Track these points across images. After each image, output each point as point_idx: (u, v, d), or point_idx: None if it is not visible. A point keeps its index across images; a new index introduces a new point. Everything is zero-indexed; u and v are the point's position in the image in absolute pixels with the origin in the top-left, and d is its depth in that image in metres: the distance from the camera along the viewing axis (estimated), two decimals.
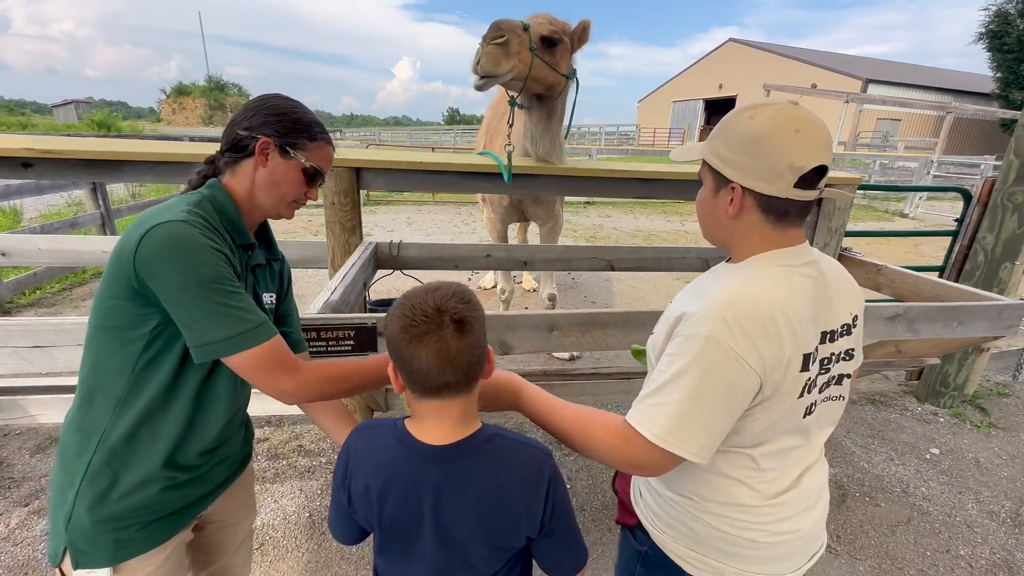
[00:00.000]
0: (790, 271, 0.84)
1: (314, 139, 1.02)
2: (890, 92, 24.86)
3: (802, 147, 0.79)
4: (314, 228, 7.74)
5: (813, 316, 0.83)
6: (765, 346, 0.78)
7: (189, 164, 2.09)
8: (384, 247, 2.40)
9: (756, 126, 0.81)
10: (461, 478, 0.83)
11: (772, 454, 0.88)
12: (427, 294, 0.81)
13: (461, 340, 0.78)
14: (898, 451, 2.75)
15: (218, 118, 46.40)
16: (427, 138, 33.71)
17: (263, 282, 1.09)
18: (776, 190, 0.81)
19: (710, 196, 0.90)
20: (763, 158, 0.80)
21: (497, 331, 1.53)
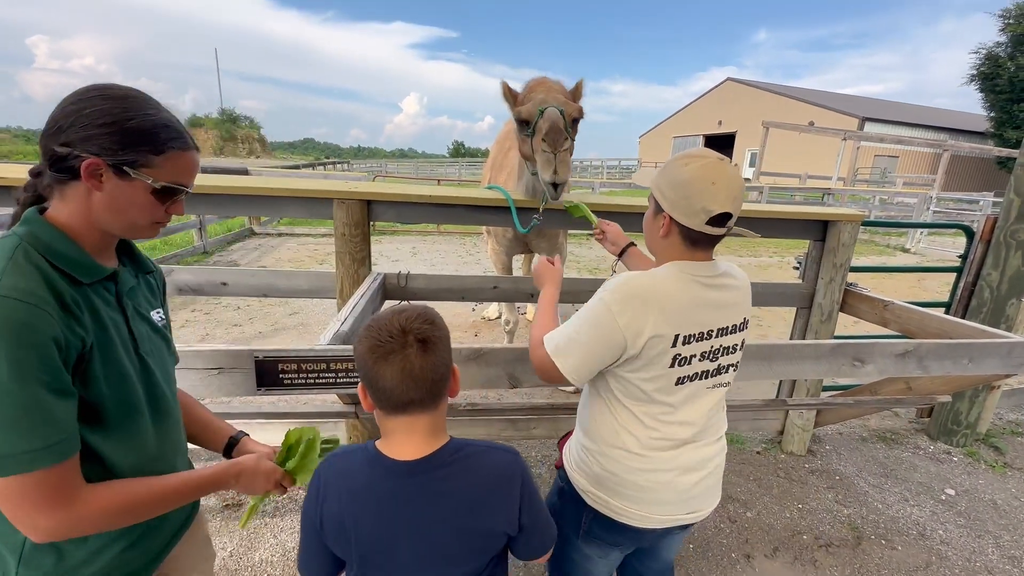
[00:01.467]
0: (684, 275, 1.08)
1: (161, 151, 0.80)
2: (886, 130, 25.37)
3: (715, 196, 1.02)
4: (319, 257, 7.82)
5: (695, 311, 1.07)
6: (635, 315, 1.04)
7: (202, 195, 2.14)
8: (392, 278, 2.42)
9: (686, 173, 1.05)
10: (436, 490, 0.86)
11: (655, 415, 1.12)
12: (393, 316, 0.85)
13: (424, 359, 0.83)
14: (912, 491, 2.68)
15: (229, 149, 47.51)
16: (433, 170, 34.35)
17: (144, 303, 0.95)
18: (693, 224, 1.05)
19: (651, 217, 1.16)
20: (686, 199, 1.04)
21: (506, 364, 1.52)
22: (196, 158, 0.89)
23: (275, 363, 1.36)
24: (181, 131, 0.85)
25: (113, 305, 0.85)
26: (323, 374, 1.39)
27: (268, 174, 11.61)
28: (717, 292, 1.10)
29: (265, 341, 4.39)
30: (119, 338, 0.84)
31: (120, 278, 0.88)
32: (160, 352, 0.96)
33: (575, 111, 2.10)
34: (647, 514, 1.16)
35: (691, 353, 1.08)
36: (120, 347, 0.83)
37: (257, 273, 2.42)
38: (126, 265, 0.93)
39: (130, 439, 0.85)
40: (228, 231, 9.05)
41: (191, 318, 4.84)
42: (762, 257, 9.52)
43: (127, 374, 0.84)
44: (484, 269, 7.52)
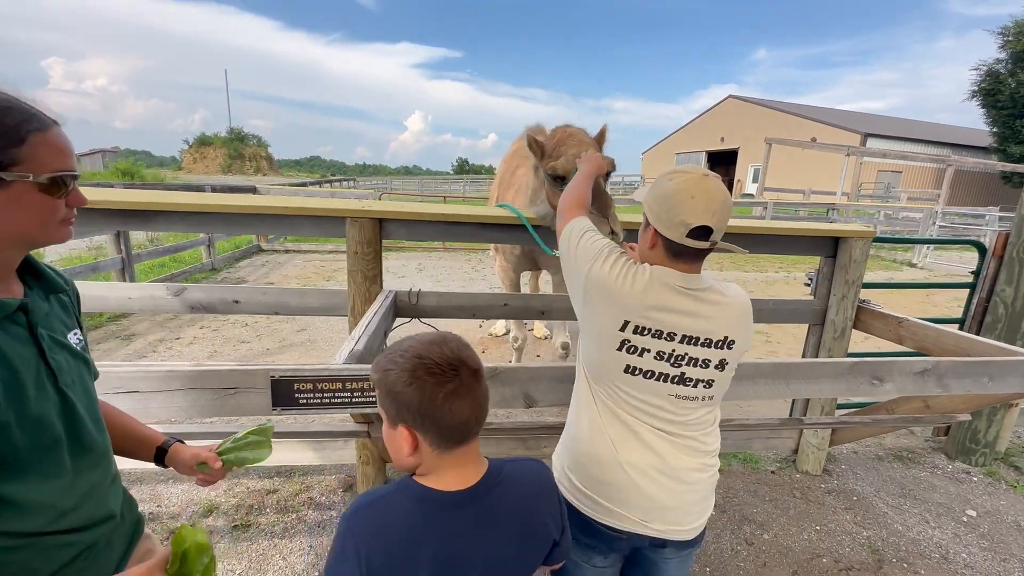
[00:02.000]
0: (659, 280, 1.11)
1: (20, 139, 0.70)
2: (889, 145, 25.47)
3: (693, 210, 1.06)
4: (326, 273, 7.85)
5: (664, 310, 1.10)
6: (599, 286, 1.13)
7: (217, 215, 2.16)
8: (403, 296, 2.42)
9: (670, 187, 1.09)
10: (496, 511, 0.86)
11: (608, 397, 1.17)
12: (441, 348, 0.82)
13: (482, 385, 0.85)
14: (932, 512, 2.62)
15: (236, 167, 48.13)
16: (437, 187, 34.65)
17: (59, 326, 0.85)
18: (673, 237, 1.09)
19: (642, 230, 1.21)
20: (667, 212, 1.09)
21: (521, 383, 1.51)
22: (63, 135, 0.76)
23: (291, 382, 1.35)
24: (28, 109, 0.72)
25: (24, 339, 0.76)
26: (339, 393, 1.38)
27: (276, 191, 11.75)
28: (689, 300, 1.12)
29: (273, 358, 4.39)
30: (31, 377, 0.75)
31: (31, 307, 0.79)
32: (82, 380, 0.87)
33: (609, 165, 2.08)
34: (609, 511, 1.18)
35: (643, 346, 1.11)
36: (32, 387, 0.75)
37: (268, 291, 2.43)
38: (33, 288, 0.83)
39: (45, 482, 0.77)
40: (236, 247, 9.12)
41: (199, 335, 4.85)
42: (768, 272, 9.49)
43: (42, 415, 0.76)
44: (490, 285, 7.52)
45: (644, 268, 1.14)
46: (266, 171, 49.44)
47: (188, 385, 1.33)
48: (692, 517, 1.20)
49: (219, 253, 8.18)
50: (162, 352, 4.38)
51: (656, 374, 1.12)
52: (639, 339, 1.11)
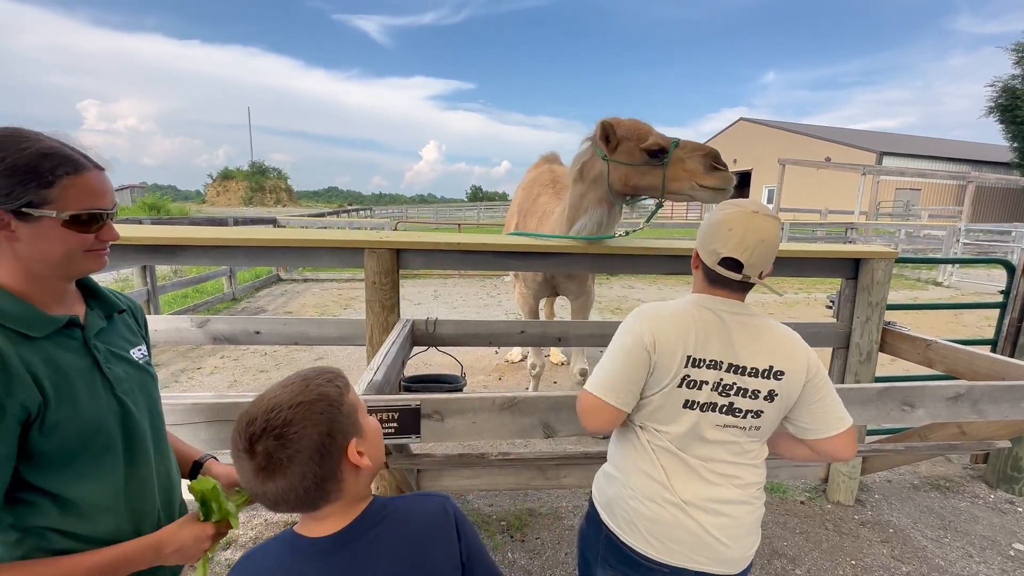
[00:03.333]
0: (703, 306, 1.15)
1: (53, 182, 0.78)
2: (905, 163, 25.19)
3: (726, 241, 1.10)
4: (344, 301, 7.95)
5: (713, 338, 1.12)
6: (652, 327, 1.12)
7: (240, 248, 2.22)
8: (421, 324, 2.44)
9: (719, 215, 1.14)
10: (368, 554, 0.79)
11: (661, 438, 1.16)
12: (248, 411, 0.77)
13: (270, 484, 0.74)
14: (976, 546, 2.48)
15: (257, 199, 49.63)
16: (452, 214, 35.17)
17: (120, 342, 0.95)
18: (708, 263, 1.15)
19: (696, 267, 1.24)
20: (707, 238, 1.15)
21: (540, 413, 1.50)
22: (97, 177, 0.84)
23: None
24: (68, 155, 0.80)
25: (78, 350, 0.85)
26: None
27: (295, 222, 12.04)
28: (735, 327, 1.13)
29: None
30: (85, 384, 0.83)
31: (87, 322, 0.89)
32: (145, 390, 0.96)
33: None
34: (653, 544, 1.15)
35: (702, 379, 1.11)
36: (85, 392, 0.83)
37: (288, 322, 2.47)
38: (93, 308, 0.93)
39: (99, 481, 0.85)
40: (256, 277, 9.32)
41: (220, 364, 4.92)
42: (787, 294, 9.34)
43: (96, 419, 0.83)
44: (506, 311, 7.53)
45: (687, 299, 1.20)
46: (286, 202, 50.85)
47: (211, 417, 1.35)
48: (738, 551, 1.17)
49: (240, 283, 8.36)
50: (184, 382, 4.45)
51: (709, 405, 1.12)
52: (698, 372, 1.11)
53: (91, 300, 0.95)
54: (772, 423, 1.16)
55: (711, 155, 2.21)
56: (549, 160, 3.89)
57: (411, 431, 1.42)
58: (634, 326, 1.14)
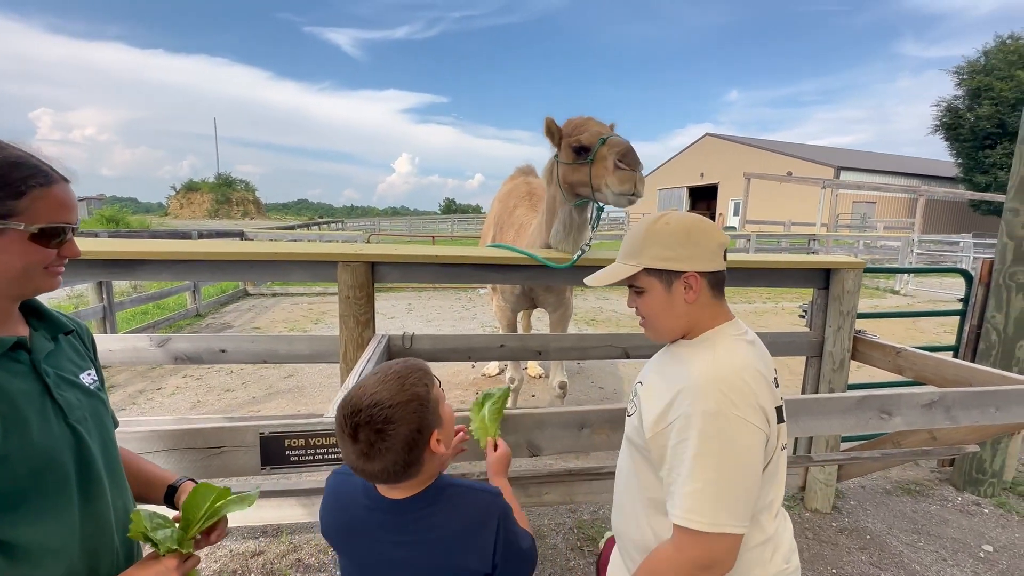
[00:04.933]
0: (738, 340, 0.99)
1: (20, 192, 0.75)
2: (861, 178, 26.47)
3: (716, 230, 1.02)
4: (314, 316, 7.73)
5: (767, 373, 0.97)
6: (760, 404, 0.90)
7: (204, 262, 2.11)
8: (397, 340, 2.36)
9: (679, 224, 1.00)
10: (418, 527, 0.94)
11: (774, 514, 0.99)
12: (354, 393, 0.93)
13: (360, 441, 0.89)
14: (948, 549, 2.53)
15: (224, 211, 48.24)
16: (425, 226, 34.97)
17: (69, 366, 0.88)
18: (717, 265, 1.00)
19: (663, 296, 1.02)
20: (699, 245, 0.99)
21: (525, 431, 1.45)
22: (67, 191, 0.81)
23: (281, 439, 1.28)
24: (37, 165, 0.77)
25: (26, 375, 0.78)
26: (332, 448, 1.31)
27: (264, 235, 11.71)
28: (758, 346, 1.03)
29: (260, 407, 4.23)
30: (35, 411, 0.76)
31: (33, 344, 0.82)
32: (97, 417, 0.88)
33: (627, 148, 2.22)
34: None
35: (779, 436, 0.99)
36: (36, 421, 0.76)
37: (257, 339, 2.35)
38: (38, 329, 0.86)
39: (52, 522, 0.76)
40: (222, 292, 8.98)
41: (182, 384, 4.68)
42: (756, 303, 9.58)
43: (48, 449, 0.76)
44: (481, 324, 7.46)
45: (730, 346, 0.97)
46: (254, 215, 49.60)
47: (171, 445, 1.24)
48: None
49: (204, 298, 8.03)
50: (143, 404, 4.20)
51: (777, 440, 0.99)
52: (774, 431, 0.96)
53: (34, 321, 0.88)
54: None
55: (618, 152, 2.03)
56: (525, 172, 3.89)
57: None
58: (738, 415, 0.86)
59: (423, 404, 0.92)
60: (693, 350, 0.99)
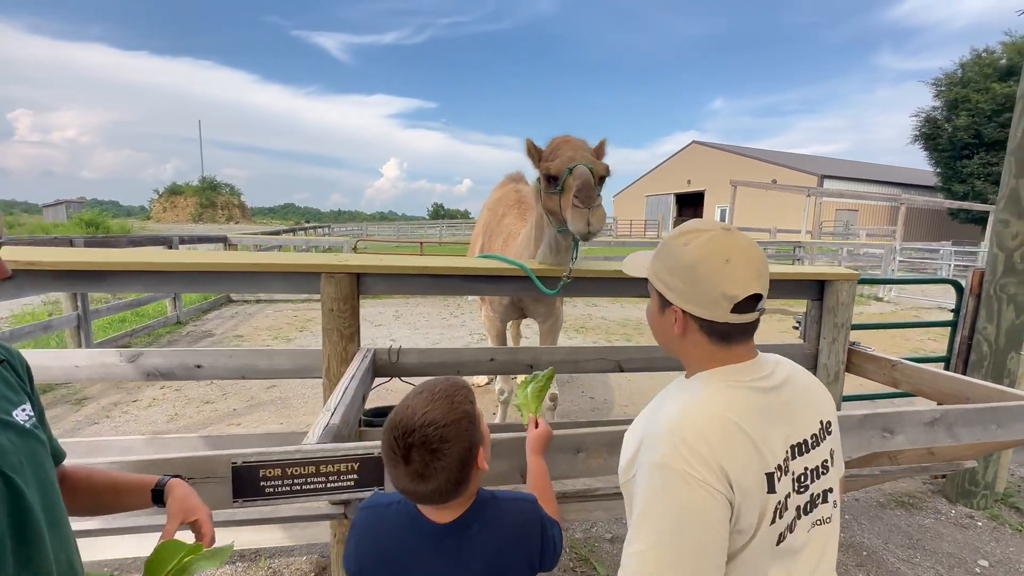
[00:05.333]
0: (736, 387, 0.84)
1: None
2: (844, 186, 26.93)
3: (733, 277, 0.82)
4: (299, 324, 7.56)
5: (770, 430, 0.82)
6: (720, 464, 0.75)
7: (178, 273, 2.00)
8: (383, 354, 2.27)
9: (690, 253, 0.84)
10: (466, 548, 0.95)
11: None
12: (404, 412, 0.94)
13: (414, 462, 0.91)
14: (944, 564, 2.50)
15: (208, 215, 47.52)
16: (413, 231, 34.76)
17: (1, 402, 0.78)
18: (714, 316, 0.83)
19: (657, 312, 0.94)
20: (697, 285, 0.83)
21: (516, 456, 1.37)
22: None
23: (255, 469, 1.18)
24: None
25: None
26: (312, 479, 1.21)
27: (248, 240, 11.49)
28: (778, 396, 0.85)
29: (240, 419, 4.08)
30: None
31: None
32: (34, 462, 0.78)
33: (602, 169, 2.14)
34: None
35: (785, 492, 0.80)
36: None
37: (235, 353, 2.24)
38: None
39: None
40: (204, 299, 8.76)
41: (159, 396, 4.51)
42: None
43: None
44: (470, 331, 7.36)
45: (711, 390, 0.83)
46: (239, 219, 48.92)
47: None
48: None
49: (186, 305, 7.82)
50: (117, 418, 4.03)
51: (794, 518, 0.83)
52: (781, 487, 0.80)
53: None
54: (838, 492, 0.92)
55: (577, 184, 1.90)
56: (514, 179, 3.82)
57: (373, 482, 1.26)
58: (686, 471, 0.74)
59: (472, 422, 0.93)
60: (678, 391, 0.88)
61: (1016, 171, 2.80)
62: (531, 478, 1.27)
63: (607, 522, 2.70)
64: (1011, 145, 2.85)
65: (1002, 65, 23.85)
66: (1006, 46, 24.20)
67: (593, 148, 2.25)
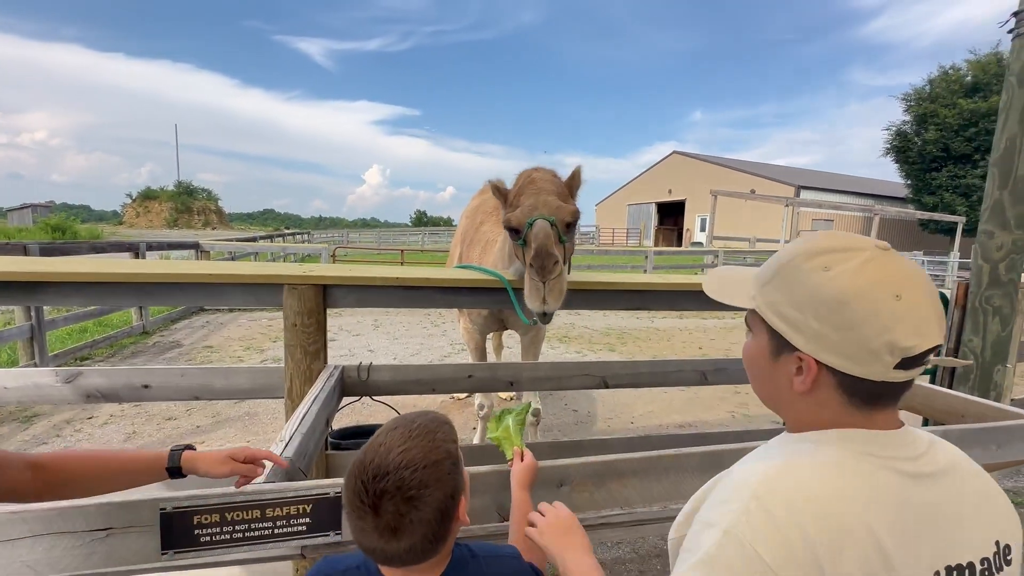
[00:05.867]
0: (871, 460, 0.59)
1: None
2: (820, 197, 27.59)
3: (908, 319, 0.57)
4: (274, 334, 7.29)
5: (914, 538, 0.56)
6: (823, 564, 0.52)
7: (126, 284, 1.82)
8: (352, 371, 2.10)
9: (838, 285, 0.60)
10: None
11: None
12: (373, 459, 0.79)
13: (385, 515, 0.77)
14: None
15: (183, 221, 46.44)
16: (395, 239, 34.43)
17: None
18: (869, 373, 0.59)
19: (765, 355, 0.69)
20: (850, 331, 0.58)
21: (493, 491, 1.23)
22: None
23: (189, 515, 1.02)
24: None
25: None
26: (256, 524, 1.05)
27: (222, 246, 11.15)
28: (931, 490, 0.60)
29: (205, 437, 3.85)
30: None
31: None
32: None
33: (568, 215, 1.90)
34: None
35: None
36: None
37: (187, 372, 2.05)
38: None
39: None
40: (173, 307, 8.42)
41: (116, 412, 4.24)
42: (725, 319, 9.64)
43: None
44: (451, 342, 7.19)
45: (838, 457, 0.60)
46: (215, 225, 47.94)
47: (39, 531, 0.97)
48: None
49: (153, 314, 7.48)
50: (68, 437, 3.76)
51: None
52: None
53: None
54: None
55: (533, 251, 1.69)
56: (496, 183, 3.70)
57: (328, 527, 1.10)
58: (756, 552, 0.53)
59: (456, 464, 0.80)
60: (780, 446, 0.67)
61: (1000, 182, 2.78)
62: (516, 514, 1.13)
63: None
64: (994, 156, 2.84)
65: (967, 82, 24.80)
66: (971, 64, 25.16)
67: (565, 180, 2.08)
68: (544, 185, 1.97)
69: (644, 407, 4.67)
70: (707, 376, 2.48)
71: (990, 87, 23.63)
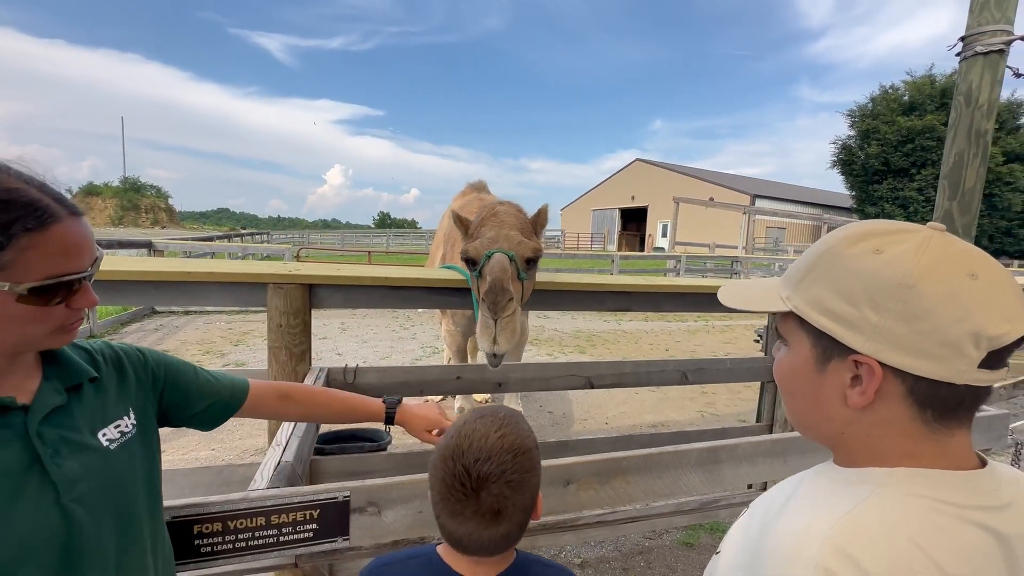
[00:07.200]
0: (954, 515, 0.47)
1: (5, 243, 0.59)
2: (774, 205, 28.95)
3: (991, 302, 0.47)
4: (234, 337, 6.98)
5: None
6: None
7: (99, 281, 1.71)
8: (337, 373, 2.05)
9: (900, 266, 0.49)
10: None
11: None
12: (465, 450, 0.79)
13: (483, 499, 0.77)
14: None
15: (130, 219, 43.92)
16: (359, 240, 33.72)
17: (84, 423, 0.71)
18: (950, 373, 0.47)
19: (809, 367, 0.56)
20: (922, 320, 0.47)
21: None
22: (72, 231, 0.65)
23: (188, 525, 0.96)
24: (31, 202, 0.60)
25: (12, 444, 0.62)
26: (260, 532, 1.01)
27: (177, 246, 10.62)
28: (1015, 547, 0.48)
29: (165, 446, 3.63)
30: (11, 489, 0.61)
31: (34, 402, 0.67)
32: (118, 486, 0.72)
33: (529, 251, 1.85)
34: None
35: None
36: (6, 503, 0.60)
37: None
38: (50, 379, 0.70)
39: None
40: (124, 310, 7.94)
41: None
42: (688, 322, 9.94)
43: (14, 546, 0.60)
44: (421, 344, 7.10)
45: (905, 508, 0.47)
46: (165, 224, 45.58)
47: None
48: None
49: (101, 316, 7.03)
50: None
51: None
52: None
53: (49, 368, 0.72)
54: None
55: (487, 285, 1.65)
56: (476, 188, 3.70)
57: (336, 532, 1.07)
58: None
59: (538, 453, 0.81)
60: (831, 487, 0.53)
61: (949, 194, 2.99)
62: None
63: (576, 546, 2.59)
64: (944, 170, 3.05)
65: (905, 101, 26.63)
66: (908, 84, 27.03)
67: (531, 217, 2.05)
68: (507, 219, 1.92)
69: (617, 408, 4.75)
70: (688, 376, 2.55)
71: (924, 107, 25.47)
